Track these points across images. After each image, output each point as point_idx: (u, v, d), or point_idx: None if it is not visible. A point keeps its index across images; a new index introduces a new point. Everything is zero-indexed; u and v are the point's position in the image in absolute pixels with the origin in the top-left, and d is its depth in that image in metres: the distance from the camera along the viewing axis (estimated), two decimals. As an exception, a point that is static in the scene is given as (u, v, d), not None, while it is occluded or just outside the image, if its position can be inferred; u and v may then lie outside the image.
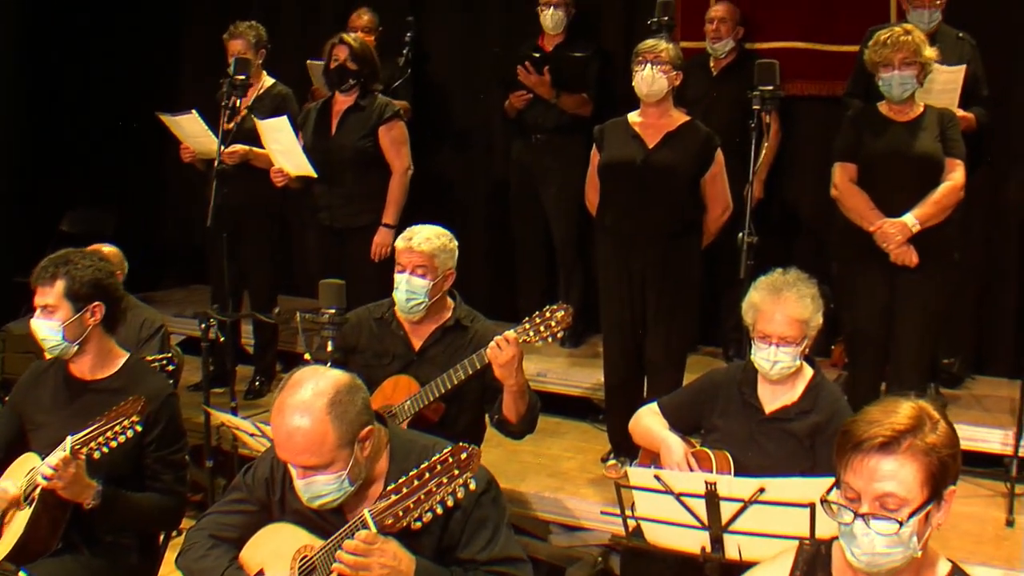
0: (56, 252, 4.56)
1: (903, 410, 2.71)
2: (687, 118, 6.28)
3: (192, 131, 7.37)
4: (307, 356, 4.89)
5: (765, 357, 4.47)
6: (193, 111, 7.31)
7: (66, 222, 9.40)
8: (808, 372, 4.59)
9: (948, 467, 2.72)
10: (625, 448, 5.91)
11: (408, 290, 4.98)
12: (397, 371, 5.04)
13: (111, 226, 9.16)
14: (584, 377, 7.40)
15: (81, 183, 9.56)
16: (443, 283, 5.07)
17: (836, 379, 6.72)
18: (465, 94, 9.01)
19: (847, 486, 2.73)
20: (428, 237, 5.04)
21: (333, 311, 4.70)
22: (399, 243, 5.09)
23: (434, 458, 3.33)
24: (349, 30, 8.10)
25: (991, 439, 6.47)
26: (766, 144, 5.70)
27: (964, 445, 6.05)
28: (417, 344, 5.09)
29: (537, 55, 7.79)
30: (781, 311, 4.44)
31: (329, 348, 4.68)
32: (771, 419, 4.53)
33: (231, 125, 7.05)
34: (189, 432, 4.80)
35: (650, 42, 6.14)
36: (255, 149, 7.26)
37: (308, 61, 8.19)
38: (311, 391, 3.35)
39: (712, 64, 7.80)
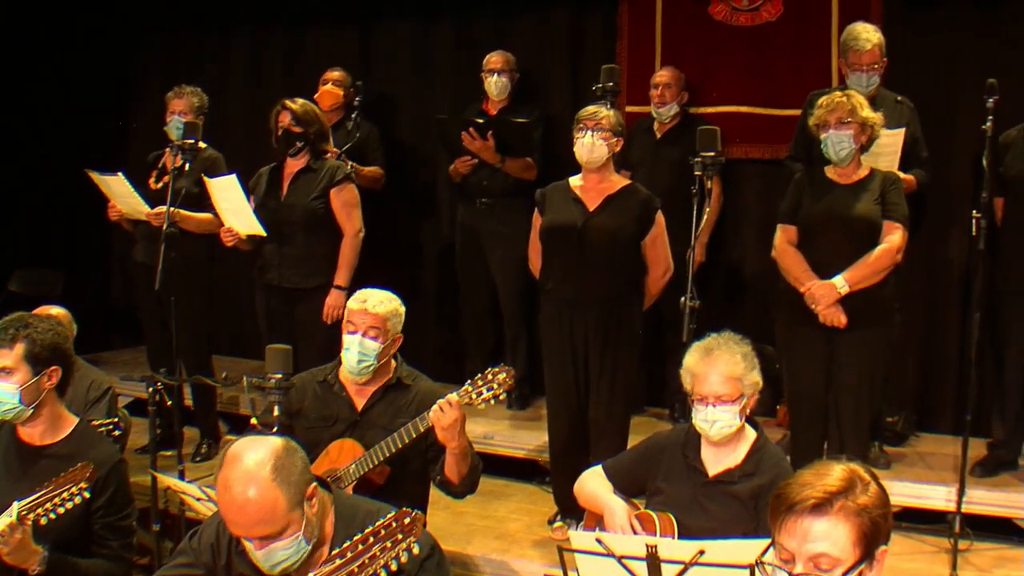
0: (10, 315, 4.57)
1: (835, 472, 2.77)
2: (627, 182, 6.38)
3: (119, 191, 7.39)
4: (254, 421, 4.91)
5: (704, 418, 4.51)
6: (120, 173, 7.32)
7: (14, 281, 9.37)
8: (751, 435, 4.63)
9: (880, 527, 2.76)
10: (571, 510, 5.93)
11: (360, 352, 5.02)
12: (341, 433, 5.05)
13: (59, 286, 9.15)
14: (530, 439, 7.41)
15: (29, 242, 9.53)
16: (392, 347, 5.12)
17: (782, 439, 6.80)
18: (412, 157, 9.06)
19: (781, 547, 2.77)
20: (382, 300, 5.10)
21: (280, 376, 4.71)
22: (352, 304, 5.12)
23: (378, 523, 3.35)
24: (321, 82, 8.26)
25: (935, 496, 6.55)
26: (708, 208, 5.77)
27: (908, 502, 6.23)
28: (360, 405, 5.12)
29: (481, 120, 7.85)
30: (714, 371, 4.49)
31: (275, 413, 4.70)
32: (714, 482, 4.56)
33: (159, 185, 7.07)
34: (136, 495, 4.79)
35: (591, 109, 6.23)
36: (182, 212, 7.22)
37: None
38: (252, 462, 3.36)
39: (656, 128, 7.90)
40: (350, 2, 9.17)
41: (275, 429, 4.58)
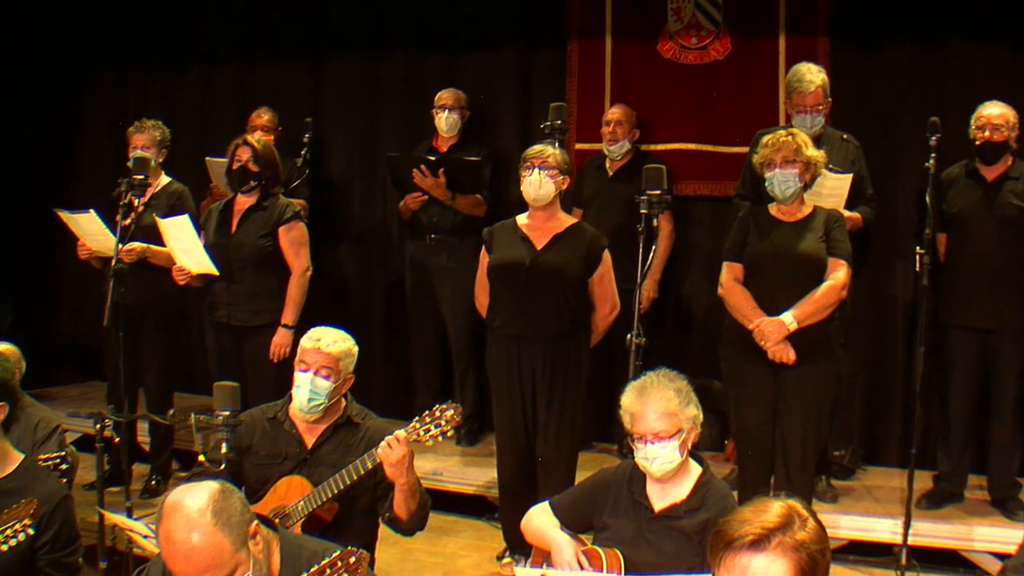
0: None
1: (773, 509, 2.80)
2: (574, 220, 6.44)
3: (90, 229, 7.35)
4: (201, 458, 4.90)
5: (644, 456, 4.52)
6: (92, 210, 7.28)
7: (-39, 318, 9.33)
8: (696, 470, 4.64)
9: (818, 563, 2.78)
10: (520, 546, 5.90)
11: (311, 390, 5.00)
12: (290, 471, 5.02)
13: (7, 320, 9.10)
14: (479, 475, 7.43)
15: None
16: (343, 386, 5.11)
17: (729, 474, 6.84)
18: (362, 194, 9.09)
19: (721, 583, 2.80)
20: (336, 340, 5.09)
21: (227, 413, 4.71)
22: (306, 342, 5.11)
23: (323, 562, 3.34)
24: (249, 129, 8.19)
25: (881, 528, 6.61)
26: (657, 245, 5.81)
27: (855, 535, 6.28)
28: (310, 442, 5.09)
29: (432, 157, 7.89)
30: (650, 408, 4.50)
31: (223, 450, 4.69)
32: (660, 517, 4.56)
33: (127, 222, 7.05)
34: (84, 532, 4.77)
35: (537, 147, 6.29)
36: (152, 247, 7.24)
37: (207, 158, 8.20)
38: (192, 509, 3.33)
39: (608, 165, 7.95)
40: (300, 38, 9.20)
41: (222, 467, 4.58)
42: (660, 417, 4.49)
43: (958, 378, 6.90)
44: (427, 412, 4.78)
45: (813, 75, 6.86)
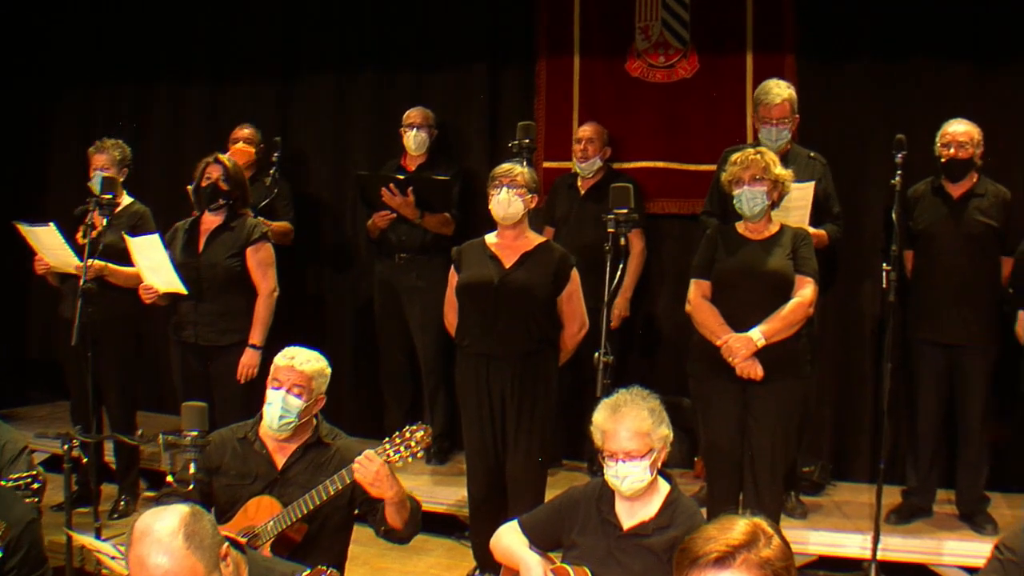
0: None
1: (738, 526, 2.81)
2: (543, 239, 6.46)
3: (49, 244, 7.31)
4: (169, 479, 4.88)
5: (615, 474, 4.52)
6: (51, 224, 7.23)
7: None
8: (664, 488, 4.65)
9: (783, 580, 2.81)
10: (490, 565, 5.90)
11: (283, 408, 5.00)
12: (260, 491, 5.00)
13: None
14: (449, 494, 7.42)
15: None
16: (314, 406, 5.11)
17: (699, 491, 6.86)
18: (331, 213, 9.09)
19: (687, 600, 2.81)
20: (309, 359, 5.10)
21: (195, 433, 4.69)
22: (280, 360, 5.11)
23: (293, 582, 3.36)
24: (231, 141, 8.24)
25: (851, 544, 6.65)
26: (628, 263, 5.82)
27: (825, 551, 6.32)
28: (280, 463, 5.08)
29: (401, 177, 7.89)
30: (623, 427, 4.51)
31: (192, 470, 4.68)
32: (629, 535, 4.57)
33: (87, 240, 7.03)
34: (51, 554, 4.76)
35: (506, 166, 6.31)
36: (111, 266, 7.21)
37: (189, 187, 8.15)
38: (163, 533, 3.32)
39: (580, 183, 7.97)
40: (269, 57, 9.19)
41: (191, 487, 4.56)
42: (633, 436, 4.50)
43: (926, 393, 6.94)
44: (397, 433, 4.77)
45: (780, 89, 6.91)
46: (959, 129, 6.77)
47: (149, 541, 3.32)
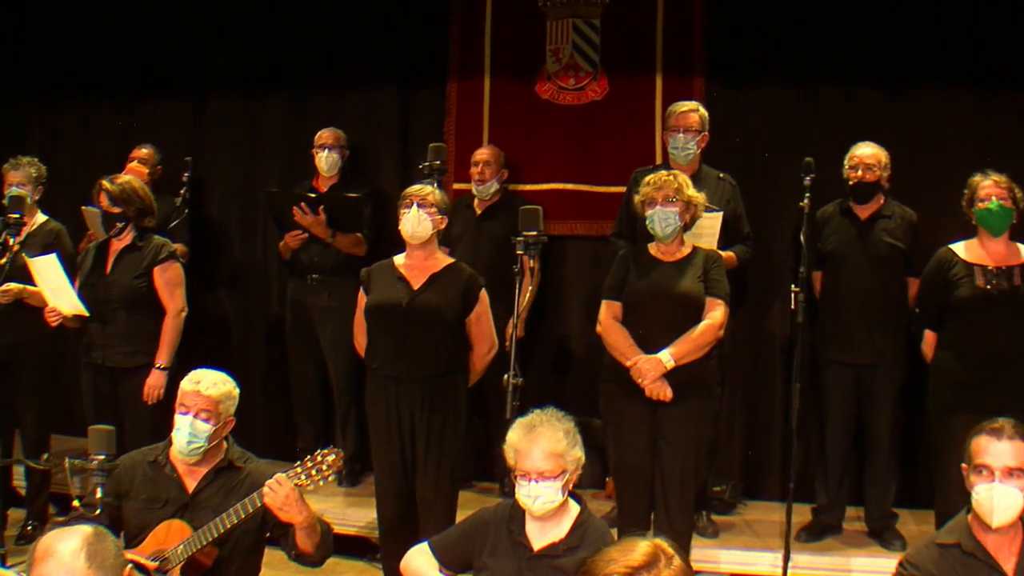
0: None
1: (639, 548, 2.83)
2: (451, 260, 6.45)
3: None
4: (76, 503, 4.82)
5: (527, 493, 4.52)
6: None
7: None
8: (575, 509, 4.65)
9: (683, 600, 2.83)
10: (402, 587, 5.93)
11: (191, 433, 4.95)
12: (171, 515, 4.95)
13: None
14: (361, 516, 7.37)
15: None
16: (223, 429, 5.07)
17: (610, 512, 6.87)
18: (242, 234, 9.02)
19: (588, 622, 2.82)
20: (216, 382, 5.05)
21: (102, 457, 4.64)
22: (186, 385, 5.06)
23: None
24: (129, 160, 8.15)
25: (761, 562, 6.71)
26: (524, 285, 5.84)
27: (736, 569, 6.34)
28: (191, 487, 5.03)
29: (313, 195, 7.86)
30: (537, 447, 4.51)
31: (99, 495, 4.62)
32: (539, 556, 4.56)
33: (3, 261, 6.95)
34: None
35: (417, 186, 6.32)
36: (28, 287, 7.11)
37: (83, 207, 8.06)
38: (65, 553, 3.29)
39: (476, 204, 8.00)
40: (182, 76, 9.09)
41: (98, 511, 4.51)
42: (547, 457, 4.50)
43: (834, 412, 7.03)
44: (308, 457, 4.75)
45: (691, 104, 7.06)
46: (867, 152, 6.88)
47: (51, 561, 3.28)
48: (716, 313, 6.08)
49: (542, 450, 4.51)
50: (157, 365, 6.88)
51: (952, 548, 4.27)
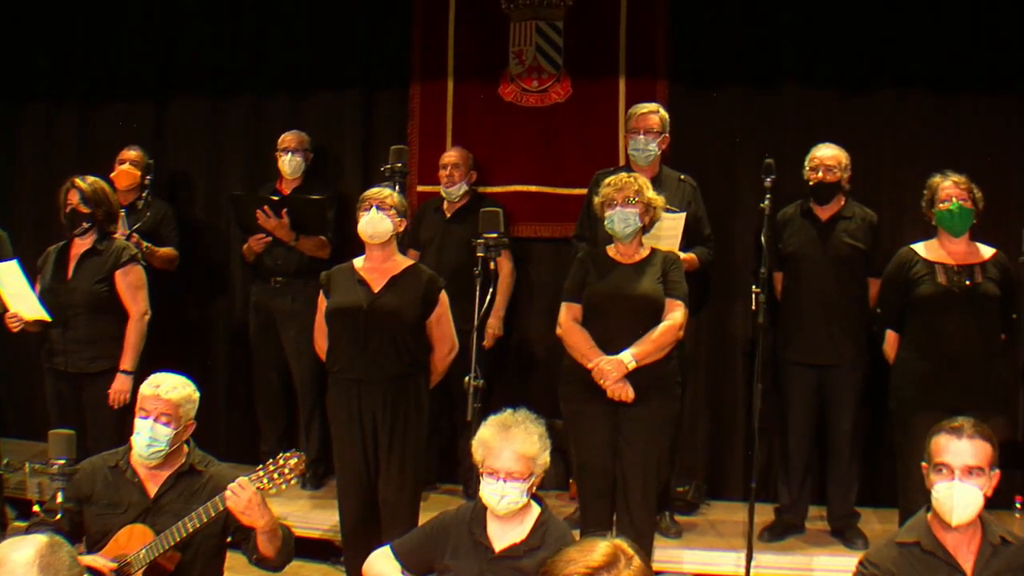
0: None
1: (599, 549, 2.85)
2: (411, 262, 6.47)
3: None
4: (36, 508, 4.81)
5: (493, 491, 4.53)
6: None
7: None
8: (536, 510, 4.66)
9: (643, 601, 2.84)
10: (365, 590, 5.92)
11: (151, 437, 4.94)
12: (133, 520, 4.93)
13: None
14: (324, 519, 7.34)
15: None
16: (184, 433, 5.05)
17: (573, 513, 6.90)
18: (205, 237, 8.97)
19: (548, 622, 2.84)
20: (175, 386, 5.04)
21: (63, 461, 4.63)
22: (145, 389, 5.05)
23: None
24: (118, 161, 8.11)
25: (724, 562, 6.75)
26: (495, 286, 5.85)
27: (699, 569, 6.36)
28: (152, 491, 5.01)
29: (276, 198, 7.85)
30: (509, 447, 4.53)
31: (59, 499, 4.61)
32: (501, 557, 4.57)
33: None
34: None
35: (375, 189, 6.33)
36: (-12, 294, 7.10)
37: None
38: (18, 563, 3.27)
39: (446, 207, 7.98)
40: (144, 77, 9.05)
41: (59, 516, 4.50)
42: (518, 459, 4.52)
43: (795, 412, 7.06)
44: (271, 460, 4.75)
45: (652, 106, 7.10)
46: (827, 153, 6.92)
47: (3, 572, 3.27)
48: (676, 314, 6.10)
49: (514, 451, 4.53)
50: (122, 369, 6.86)
51: (912, 547, 4.30)
